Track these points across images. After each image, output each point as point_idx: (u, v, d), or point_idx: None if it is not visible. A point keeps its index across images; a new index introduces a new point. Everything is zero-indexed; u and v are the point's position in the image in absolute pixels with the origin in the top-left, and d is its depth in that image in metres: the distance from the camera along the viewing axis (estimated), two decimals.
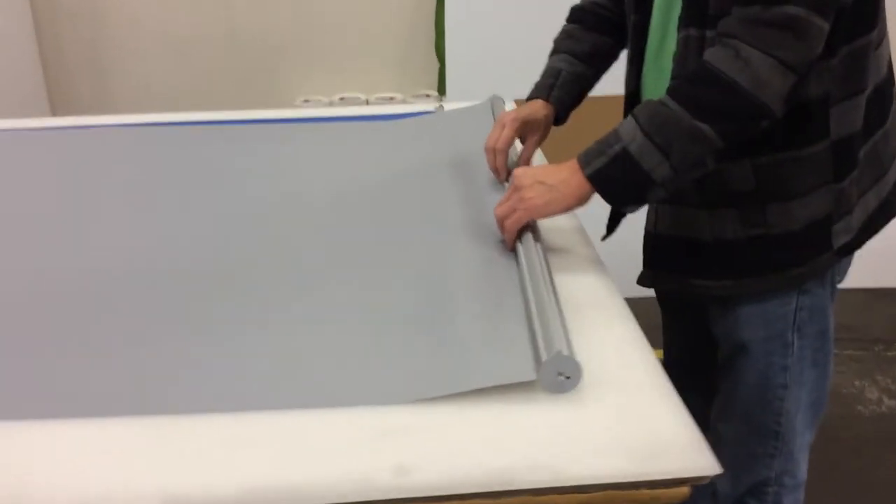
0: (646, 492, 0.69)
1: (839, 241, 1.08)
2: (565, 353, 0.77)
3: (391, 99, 2.88)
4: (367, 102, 2.87)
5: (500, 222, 1.06)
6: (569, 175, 1.02)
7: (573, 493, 0.69)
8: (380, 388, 0.80)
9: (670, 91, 0.98)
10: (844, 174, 1.06)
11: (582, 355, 0.84)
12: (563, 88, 1.30)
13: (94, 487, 0.70)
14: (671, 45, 1.07)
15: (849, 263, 1.17)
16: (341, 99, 2.88)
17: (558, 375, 0.77)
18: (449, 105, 1.84)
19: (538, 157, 1.48)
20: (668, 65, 1.08)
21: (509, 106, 1.82)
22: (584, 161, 1.01)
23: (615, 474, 0.69)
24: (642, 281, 1.21)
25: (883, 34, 1.07)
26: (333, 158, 1.54)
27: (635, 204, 1.03)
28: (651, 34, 1.13)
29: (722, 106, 0.95)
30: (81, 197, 1.36)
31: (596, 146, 1.02)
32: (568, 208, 1.03)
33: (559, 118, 1.32)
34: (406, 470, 0.70)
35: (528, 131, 1.29)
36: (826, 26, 0.93)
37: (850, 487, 1.93)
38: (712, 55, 0.95)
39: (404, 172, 1.43)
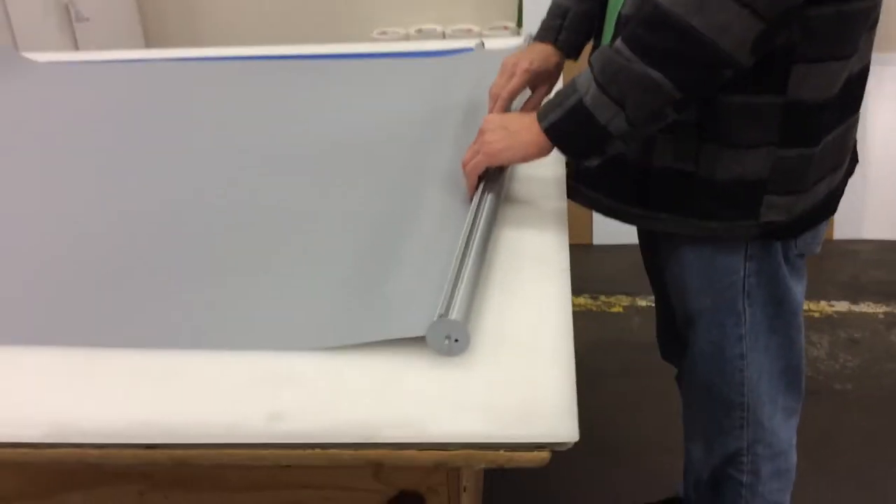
0: (504, 454, 0.68)
1: (769, 215, 1.01)
2: (453, 317, 0.76)
3: (468, 31, 2.84)
4: (444, 35, 2.84)
5: (463, 167, 1.04)
6: (530, 122, 0.98)
7: (433, 450, 0.69)
8: (274, 335, 0.82)
9: (624, 37, 0.91)
10: (793, 142, 0.97)
11: (493, 314, 0.84)
12: (571, 29, 1.24)
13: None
14: None
15: (816, 234, 1.09)
16: (418, 31, 2.86)
17: (445, 339, 0.77)
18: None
19: None
20: None
21: None
22: (542, 114, 0.97)
23: (476, 434, 0.69)
24: (571, 195, 1.14)
25: (878, 16, 0.97)
26: (358, 97, 1.55)
27: (594, 157, 0.97)
28: None
29: (676, 53, 0.87)
30: (151, 127, 1.44)
31: (554, 97, 0.97)
32: (527, 157, 1.00)
33: (570, 55, 1.27)
34: (279, 417, 0.72)
35: (539, 81, 1.24)
36: None
37: None
38: None
39: (419, 114, 1.43)
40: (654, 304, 1.48)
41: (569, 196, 1.13)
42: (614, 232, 1.85)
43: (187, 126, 1.43)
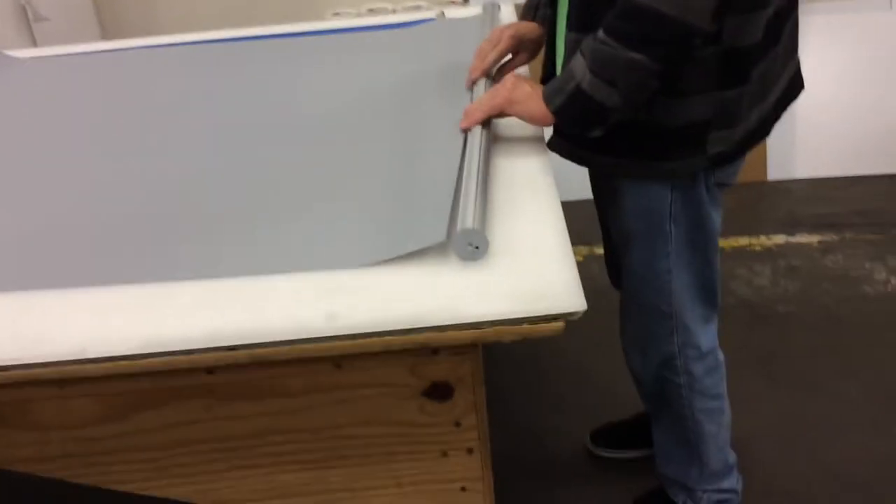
0: (527, 327, 0.85)
1: (714, 148, 1.17)
2: (475, 227, 0.92)
3: (418, 8, 2.98)
4: (395, 13, 2.97)
5: (477, 106, 1.18)
6: (541, 97, 1.14)
7: (469, 329, 0.85)
8: (322, 258, 0.98)
9: (605, 28, 1.06)
10: (731, 85, 1.13)
11: (501, 225, 1.00)
12: (546, 4, 1.36)
13: (102, 334, 0.90)
14: None
15: (734, 166, 1.27)
16: (370, 10, 2.99)
17: (468, 245, 0.93)
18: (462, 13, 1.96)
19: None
20: None
21: (507, 10, 1.92)
22: (548, 98, 1.13)
23: (503, 313, 0.85)
24: (550, 145, 1.26)
25: None
26: (330, 71, 1.69)
27: (598, 129, 1.14)
28: None
29: (651, 34, 1.02)
30: (128, 111, 1.56)
31: (556, 83, 1.12)
32: (533, 118, 1.16)
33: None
34: (336, 316, 0.88)
35: (521, 48, 1.39)
36: None
37: (850, 362, 2.04)
38: None
39: (395, 78, 1.57)
40: None
41: (549, 146, 1.27)
42: (572, 189, 2.02)
43: (192, 105, 1.56)
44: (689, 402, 1.45)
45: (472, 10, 1.98)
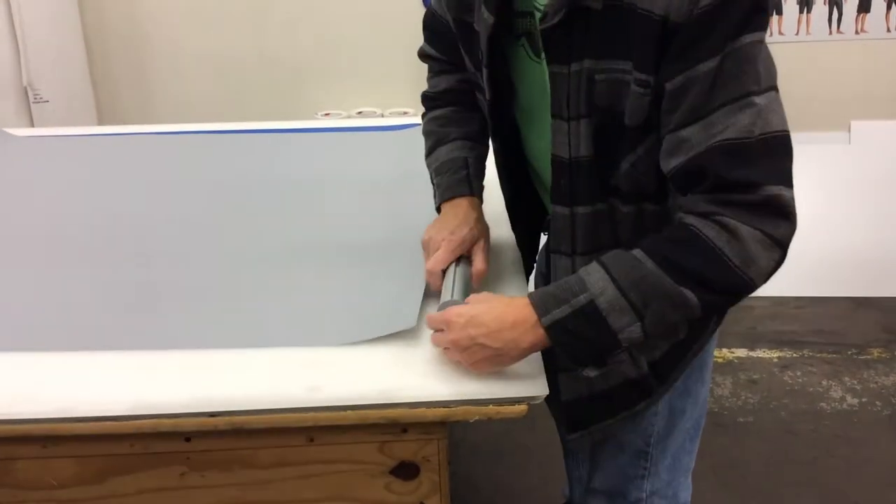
0: (492, 407, 0.91)
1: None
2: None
3: (405, 113, 3.12)
4: (383, 116, 3.11)
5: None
6: (518, 335, 0.91)
7: (439, 407, 0.92)
8: (305, 334, 1.05)
9: (647, 248, 0.90)
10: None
11: None
12: (478, 176, 1.21)
13: (92, 395, 0.95)
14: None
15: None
16: (359, 113, 3.13)
17: None
18: None
19: None
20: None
21: None
22: (542, 308, 0.90)
23: (471, 394, 0.92)
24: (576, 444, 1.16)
25: None
26: (325, 163, 1.79)
27: (592, 365, 1.01)
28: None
29: (707, 275, 0.87)
30: (118, 191, 1.63)
31: (555, 291, 0.91)
32: (517, 346, 0.92)
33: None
34: (317, 388, 0.94)
35: (470, 245, 1.13)
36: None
37: (806, 475, 2.10)
38: (695, 222, 0.88)
39: (380, 176, 1.67)
40: None
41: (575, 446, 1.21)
42: None
43: (183, 188, 1.64)
44: None
45: None
